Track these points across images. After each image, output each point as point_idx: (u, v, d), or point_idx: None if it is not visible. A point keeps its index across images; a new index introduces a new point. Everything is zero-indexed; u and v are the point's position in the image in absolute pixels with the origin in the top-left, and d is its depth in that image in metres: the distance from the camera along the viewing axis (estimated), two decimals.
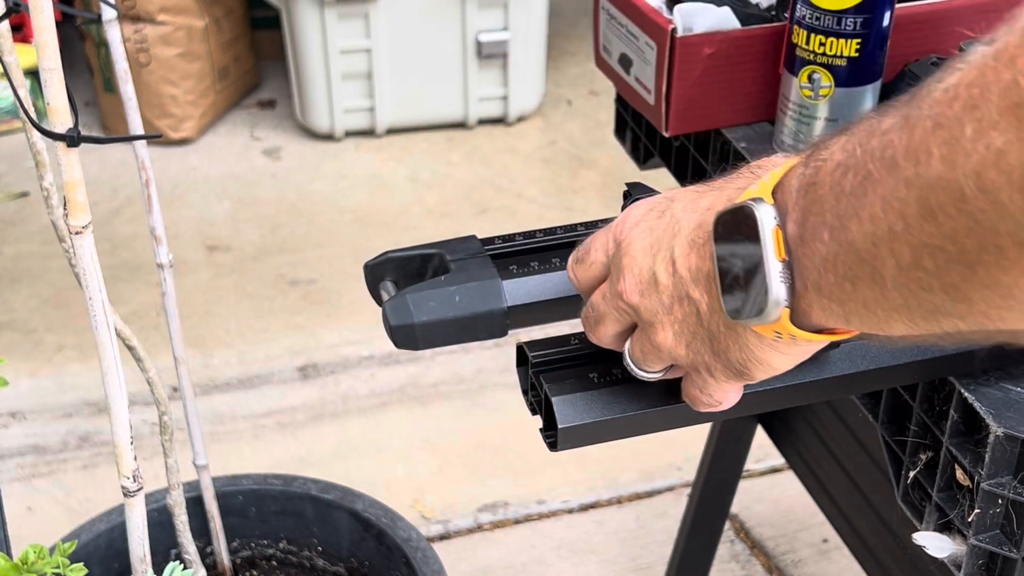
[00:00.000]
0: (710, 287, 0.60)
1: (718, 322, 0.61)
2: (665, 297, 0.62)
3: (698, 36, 0.98)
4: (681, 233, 0.62)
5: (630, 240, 0.64)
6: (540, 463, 1.90)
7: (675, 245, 0.62)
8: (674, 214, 0.63)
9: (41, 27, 0.67)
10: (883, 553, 1.09)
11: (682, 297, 0.62)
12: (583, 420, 0.71)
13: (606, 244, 0.67)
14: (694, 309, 0.61)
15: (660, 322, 0.63)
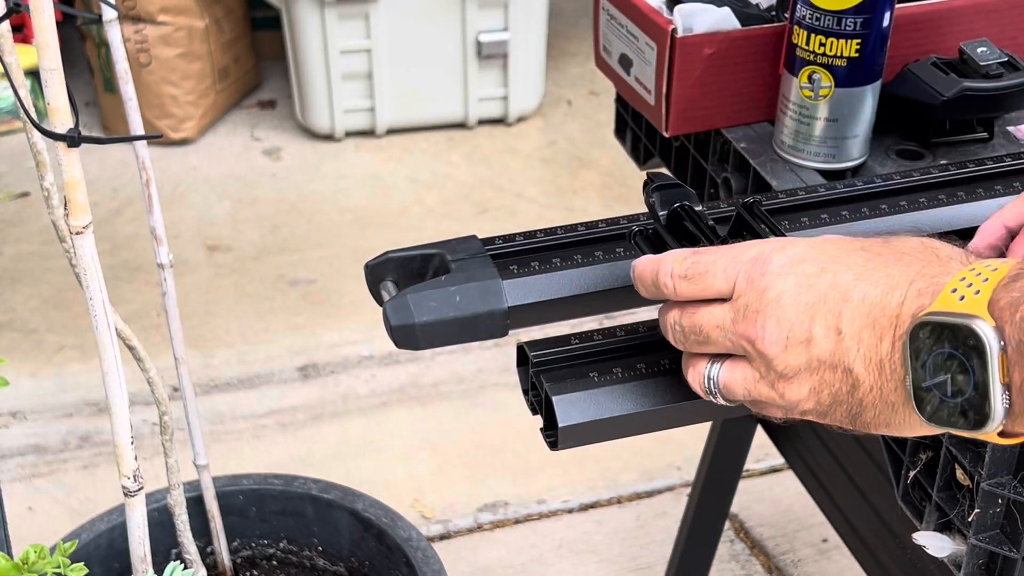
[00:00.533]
0: (882, 371, 0.59)
1: (878, 400, 0.60)
2: (815, 360, 0.61)
3: (698, 36, 0.98)
4: (852, 303, 0.60)
5: (779, 290, 0.62)
6: (540, 463, 1.90)
7: (844, 313, 0.60)
8: (839, 276, 0.61)
9: (41, 27, 0.67)
10: (883, 553, 1.09)
11: (838, 367, 0.61)
12: (583, 419, 0.71)
13: (731, 275, 0.64)
14: (851, 382, 0.61)
15: (798, 379, 0.62)
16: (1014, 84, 0.97)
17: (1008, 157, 0.91)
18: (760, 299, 0.62)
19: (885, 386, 0.59)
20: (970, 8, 1.03)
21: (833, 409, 0.62)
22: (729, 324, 0.64)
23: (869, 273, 0.60)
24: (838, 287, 0.61)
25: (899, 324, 0.59)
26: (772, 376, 0.63)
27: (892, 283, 0.60)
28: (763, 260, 0.63)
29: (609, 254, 0.79)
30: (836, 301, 0.60)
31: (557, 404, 0.71)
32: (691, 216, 0.74)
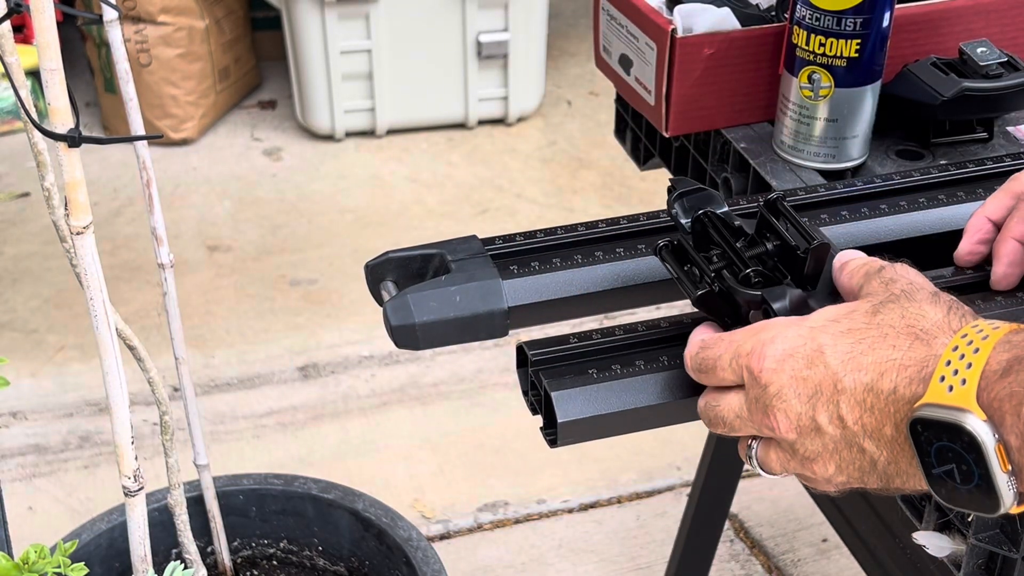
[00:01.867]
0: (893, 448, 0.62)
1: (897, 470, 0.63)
2: (830, 443, 0.64)
3: (698, 36, 0.99)
4: (846, 392, 0.63)
5: (778, 385, 0.65)
6: (540, 463, 1.91)
7: (840, 402, 0.63)
8: (829, 366, 0.63)
9: (42, 28, 0.67)
10: (883, 553, 1.09)
11: (852, 446, 0.64)
12: (582, 414, 0.71)
13: (737, 369, 0.67)
14: (868, 458, 0.64)
15: (822, 460, 0.65)
16: (1014, 84, 0.97)
17: (1008, 157, 0.91)
18: (765, 394, 0.65)
19: (900, 462, 0.63)
20: (970, 8, 1.03)
21: (867, 479, 0.65)
22: (746, 414, 0.67)
23: (856, 359, 0.63)
24: (830, 378, 0.63)
25: (896, 410, 0.62)
26: (798, 458, 0.66)
27: (880, 369, 0.62)
28: (759, 356, 0.65)
29: (609, 254, 0.79)
30: (831, 392, 0.63)
31: (556, 400, 0.71)
32: (714, 223, 0.74)
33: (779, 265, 0.71)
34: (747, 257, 0.71)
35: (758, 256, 0.72)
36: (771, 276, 0.71)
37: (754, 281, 0.71)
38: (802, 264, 0.70)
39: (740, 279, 0.70)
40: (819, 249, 0.70)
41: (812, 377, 0.64)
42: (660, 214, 0.83)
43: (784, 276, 0.71)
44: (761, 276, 0.71)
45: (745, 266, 0.71)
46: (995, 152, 1.01)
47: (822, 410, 0.63)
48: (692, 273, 0.73)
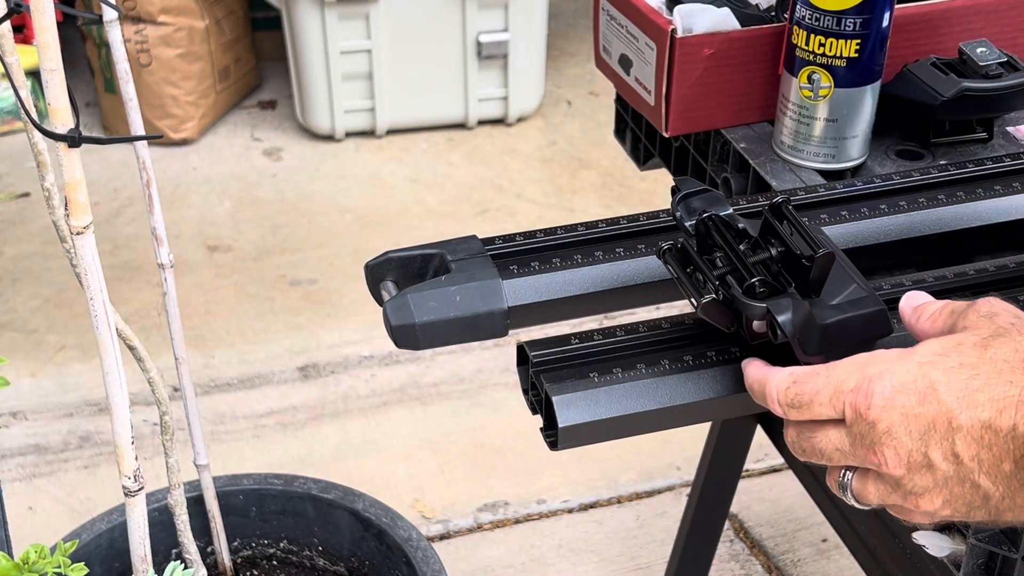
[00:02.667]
0: (1011, 484, 0.62)
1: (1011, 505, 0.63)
2: (942, 479, 0.63)
3: (698, 37, 0.99)
4: (963, 429, 0.62)
5: (888, 423, 0.63)
6: (540, 463, 1.91)
7: (956, 439, 0.62)
8: (943, 402, 0.62)
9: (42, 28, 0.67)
10: (883, 553, 1.09)
11: (965, 482, 0.63)
12: (583, 419, 0.71)
13: (836, 406, 0.65)
14: (981, 494, 0.63)
15: (929, 495, 0.64)
16: (1013, 84, 0.97)
17: (1007, 157, 0.91)
18: (872, 431, 0.64)
19: (1017, 497, 0.62)
20: (970, 8, 1.03)
21: (972, 514, 0.64)
22: (848, 448, 0.66)
23: (972, 396, 0.62)
24: (944, 415, 0.62)
25: (1016, 447, 0.61)
26: (903, 491, 0.65)
27: (999, 406, 0.61)
28: (866, 393, 0.64)
29: (609, 254, 0.79)
30: (945, 429, 0.62)
31: (557, 404, 0.71)
32: (718, 226, 0.73)
33: (783, 271, 0.71)
34: (751, 263, 0.71)
35: (762, 262, 0.72)
36: (775, 284, 0.71)
37: (759, 291, 0.70)
38: (807, 272, 0.70)
39: (745, 289, 0.70)
40: (824, 258, 0.70)
41: (925, 414, 0.63)
42: (660, 214, 0.83)
43: (789, 283, 0.71)
44: (765, 285, 0.71)
45: (749, 274, 0.71)
46: (995, 152, 1.01)
47: (935, 447, 0.63)
48: (695, 277, 0.73)
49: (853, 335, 0.71)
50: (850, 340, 0.71)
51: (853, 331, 0.71)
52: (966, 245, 0.87)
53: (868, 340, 0.73)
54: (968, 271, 0.79)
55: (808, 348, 0.70)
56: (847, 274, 0.72)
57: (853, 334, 0.71)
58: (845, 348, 0.72)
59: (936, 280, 0.78)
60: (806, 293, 0.70)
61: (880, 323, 0.72)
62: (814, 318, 0.69)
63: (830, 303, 0.70)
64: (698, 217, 0.74)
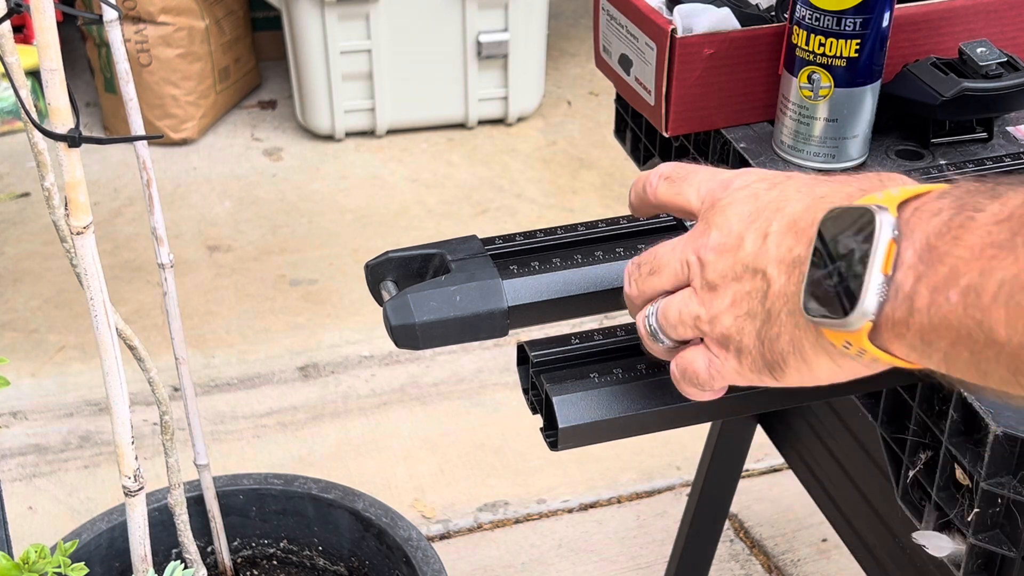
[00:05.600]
0: (792, 272, 0.59)
1: (783, 307, 0.60)
2: (739, 265, 0.62)
3: (698, 36, 0.99)
4: (785, 211, 0.61)
5: (731, 201, 0.63)
6: (540, 463, 1.91)
7: (775, 220, 0.61)
8: (785, 192, 0.62)
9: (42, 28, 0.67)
10: (882, 553, 1.09)
11: (757, 270, 0.61)
12: (583, 420, 0.71)
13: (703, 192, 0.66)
14: (764, 286, 0.61)
15: (723, 286, 0.62)
16: (1014, 84, 0.97)
17: (1008, 157, 0.91)
18: (712, 211, 0.64)
19: (790, 290, 0.59)
20: (970, 8, 1.03)
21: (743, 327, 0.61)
22: (681, 244, 0.65)
23: (810, 189, 0.62)
24: (778, 200, 0.62)
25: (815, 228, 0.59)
26: (703, 289, 0.63)
27: (827, 194, 0.61)
28: (729, 183, 0.65)
29: (609, 254, 0.79)
30: (772, 212, 0.62)
31: (557, 405, 0.71)
32: None
33: None
34: None
35: None
36: None
37: None
38: None
39: None
40: None
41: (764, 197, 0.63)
42: (660, 214, 0.83)
43: None
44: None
45: None
46: (995, 152, 1.01)
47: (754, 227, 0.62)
48: None
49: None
50: None
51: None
52: None
53: None
54: None
55: None
56: None
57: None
58: None
59: None
60: None
61: None
62: None
63: None
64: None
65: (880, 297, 0.54)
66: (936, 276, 0.52)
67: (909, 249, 0.53)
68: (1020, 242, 0.49)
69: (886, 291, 0.54)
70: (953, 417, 0.75)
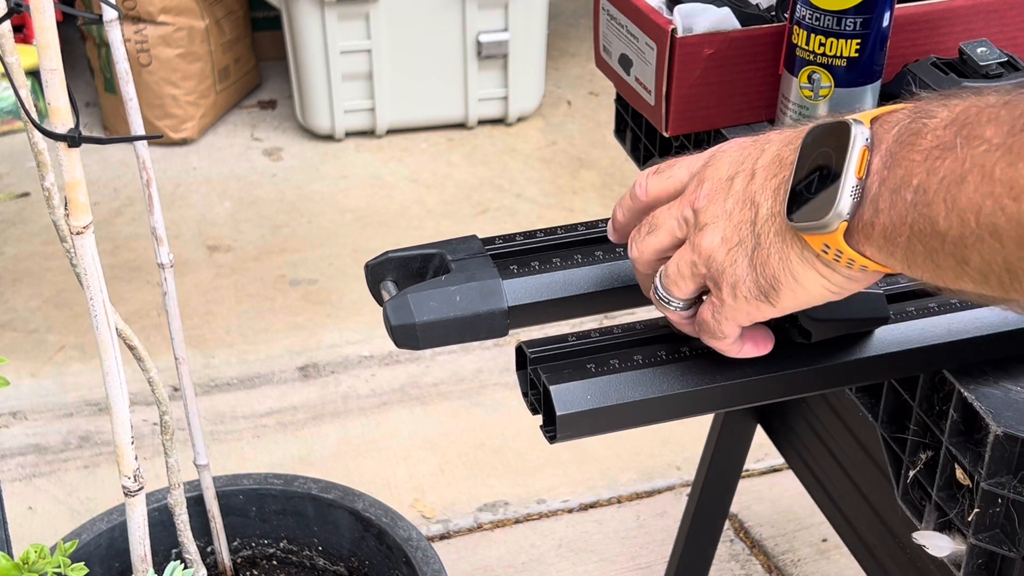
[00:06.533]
0: (778, 194, 0.64)
1: (770, 228, 0.64)
2: (730, 203, 0.65)
3: (698, 36, 0.99)
4: (769, 150, 0.65)
5: (720, 156, 0.68)
6: (540, 463, 1.91)
7: (760, 159, 0.65)
8: (769, 138, 0.67)
9: (42, 28, 0.67)
10: (883, 553, 1.09)
11: (747, 201, 0.65)
12: (581, 407, 0.71)
13: (693, 163, 0.70)
14: (753, 214, 0.64)
15: (714, 223, 0.66)
16: (1014, 84, 0.97)
17: None
18: (704, 168, 0.68)
19: (776, 209, 0.63)
20: (970, 8, 1.03)
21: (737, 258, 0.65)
22: (677, 202, 0.69)
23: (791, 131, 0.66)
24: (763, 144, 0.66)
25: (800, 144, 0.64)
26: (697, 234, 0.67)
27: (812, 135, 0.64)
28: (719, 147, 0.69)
29: (609, 254, 0.79)
30: (757, 152, 0.66)
31: (554, 394, 0.71)
32: None
33: None
34: None
35: None
36: None
37: None
38: None
39: None
40: None
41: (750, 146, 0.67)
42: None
43: None
44: None
45: None
46: None
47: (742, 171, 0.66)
48: None
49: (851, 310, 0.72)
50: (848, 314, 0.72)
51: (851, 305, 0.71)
52: None
53: (864, 320, 0.73)
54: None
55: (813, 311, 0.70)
56: None
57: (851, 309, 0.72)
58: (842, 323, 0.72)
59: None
60: None
61: (876, 305, 0.72)
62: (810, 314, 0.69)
63: None
64: None
65: (853, 198, 0.59)
66: (894, 178, 0.58)
67: (876, 156, 0.59)
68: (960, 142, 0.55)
69: (859, 194, 0.59)
70: (953, 417, 0.75)
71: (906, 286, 0.78)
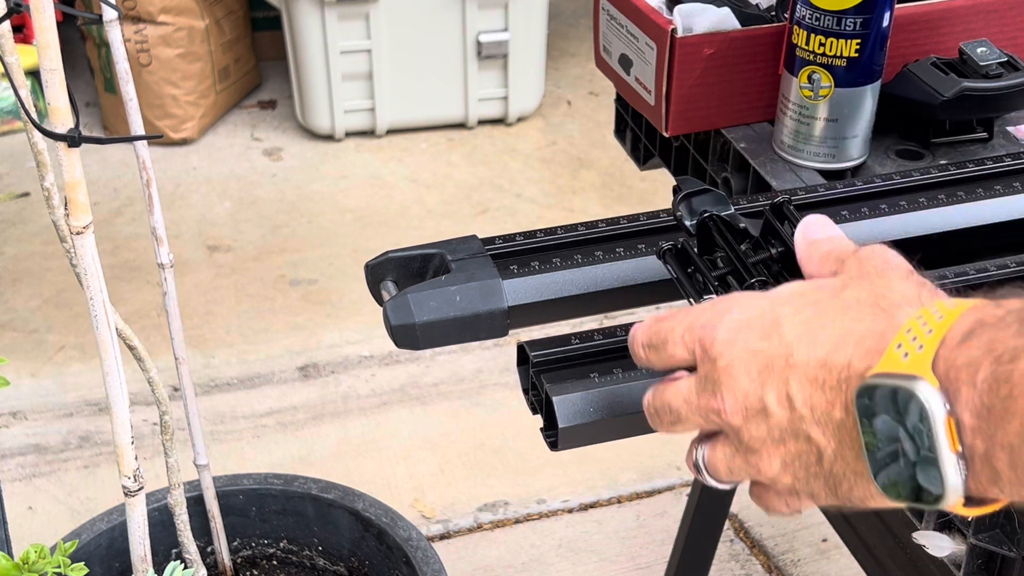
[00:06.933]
0: (840, 436, 0.56)
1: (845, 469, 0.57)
2: (776, 430, 0.58)
3: (698, 36, 0.99)
4: (798, 368, 0.57)
5: (729, 359, 0.59)
6: (540, 463, 1.91)
7: (791, 378, 0.57)
8: (783, 339, 0.58)
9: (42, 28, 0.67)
10: (882, 553, 1.09)
11: (799, 434, 0.58)
12: (584, 420, 0.71)
13: (688, 343, 0.62)
14: (814, 450, 0.57)
15: (767, 452, 0.59)
16: (1014, 84, 0.97)
17: (1008, 157, 0.91)
18: (714, 369, 0.60)
19: (847, 454, 0.56)
20: (970, 8, 1.03)
21: (812, 483, 0.59)
22: (694, 398, 0.61)
23: (814, 332, 0.57)
24: (783, 351, 0.58)
25: (848, 388, 0.55)
26: (743, 449, 0.60)
27: (837, 342, 0.56)
28: (712, 327, 0.60)
29: (609, 254, 0.79)
30: (782, 367, 0.57)
31: (557, 405, 0.71)
32: (719, 226, 0.73)
33: (783, 272, 0.71)
34: (751, 263, 0.71)
35: (763, 262, 0.72)
36: (775, 284, 0.70)
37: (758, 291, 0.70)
38: None
39: (744, 288, 0.70)
40: None
41: (765, 351, 0.58)
42: (660, 214, 0.83)
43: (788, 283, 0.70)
44: (765, 286, 0.70)
45: (749, 274, 0.71)
46: (995, 152, 1.01)
47: (771, 388, 0.57)
48: (695, 278, 0.72)
49: None
50: None
51: None
52: (966, 245, 0.87)
53: None
54: (968, 271, 0.79)
55: None
56: None
57: None
58: None
59: (936, 280, 0.78)
60: None
61: None
62: None
63: None
64: (699, 217, 0.74)
65: (961, 474, 0.52)
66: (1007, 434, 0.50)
67: (965, 413, 0.51)
68: None
69: (963, 465, 0.52)
70: None
71: None
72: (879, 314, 0.56)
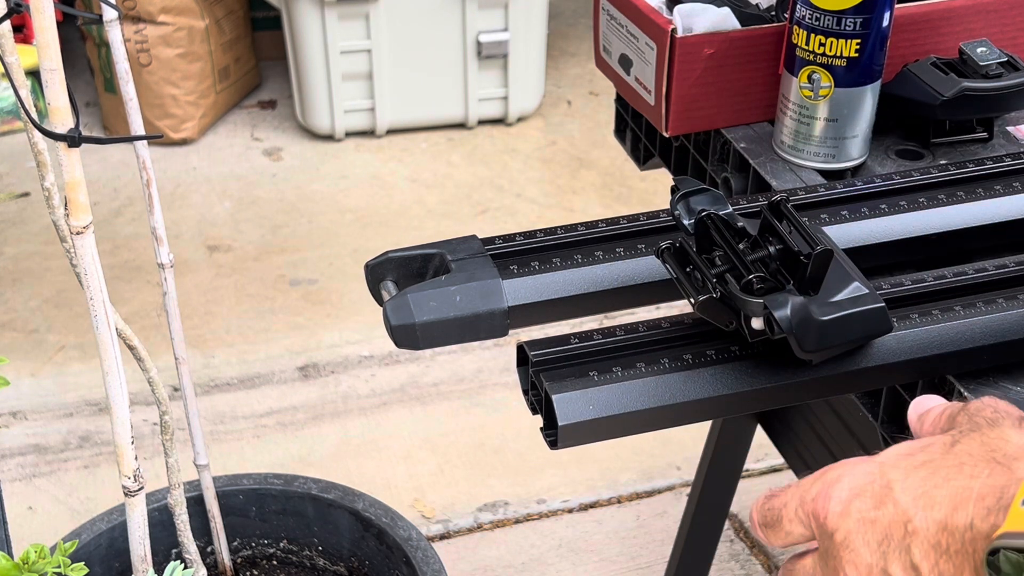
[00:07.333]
0: None
1: None
2: None
3: (698, 36, 0.99)
4: (919, 534, 0.55)
5: (845, 533, 0.58)
6: (540, 463, 1.91)
7: (913, 546, 0.55)
8: (899, 504, 0.56)
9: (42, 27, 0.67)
10: None
11: None
12: (583, 417, 0.71)
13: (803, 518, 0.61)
14: None
15: None
16: (1014, 84, 0.97)
17: (1008, 157, 0.91)
18: (831, 544, 0.59)
19: None
20: (970, 8, 1.03)
21: None
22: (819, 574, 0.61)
23: (929, 494, 0.56)
24: (900, 518, 0.56)
25: (975, 549, 0.54)
26: None
27: (956, 502, 0.55)
28: (824, 498, 0.59)
29: (609, 254, 0.79)
30: (902, 536, 0.56)
31: (557, 403, 0.71)
32: (717, 225, 0.73)
33: (781, 269, 0.71)
34: (749, 261, 0.71)
35: (761, 260, 0.72)
36: (773, 281, 0.71)
37: (756, 288, 0.70)
38: (805, 269, 0.70)
39: (743, 285, 0.70)
40: (821, 255, 0.69)
41: (881, 519, 0.56)
42: (660, 214, 0.83)
43: (787, 281, 0.71)
44: (763, 282, 0.71)
45: (748, 271, 0.71)
46: (995, 152, 1.01)
47: (894, 558, 0.56)
48: (693, 276, 0.73)
49: (851, 332, 0.71)
50: (848, 337, 0.71)
51: (851, 328, 0.71)
52: (966, 245, 0.87)
53: (866, 337, 0.73)
54: (968, 271, 0.79)
55: (806, 344, 0.70)
56: (846, 272, 0.72)
57: (851, 331, 0.71)
58: (843, 345, 0.72)
59: (936, 280, 0.78)
60: (804, 290, 0.70)
61: (879, 320, 0.72)
62: (812, 314, 0.69)
63: (829, 300, 0.70)
64: (697, 216, 0.74)
65: None
66: None
67: None
68: None
69: None
70: None
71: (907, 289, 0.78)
72: (996, 468, 0.55)
